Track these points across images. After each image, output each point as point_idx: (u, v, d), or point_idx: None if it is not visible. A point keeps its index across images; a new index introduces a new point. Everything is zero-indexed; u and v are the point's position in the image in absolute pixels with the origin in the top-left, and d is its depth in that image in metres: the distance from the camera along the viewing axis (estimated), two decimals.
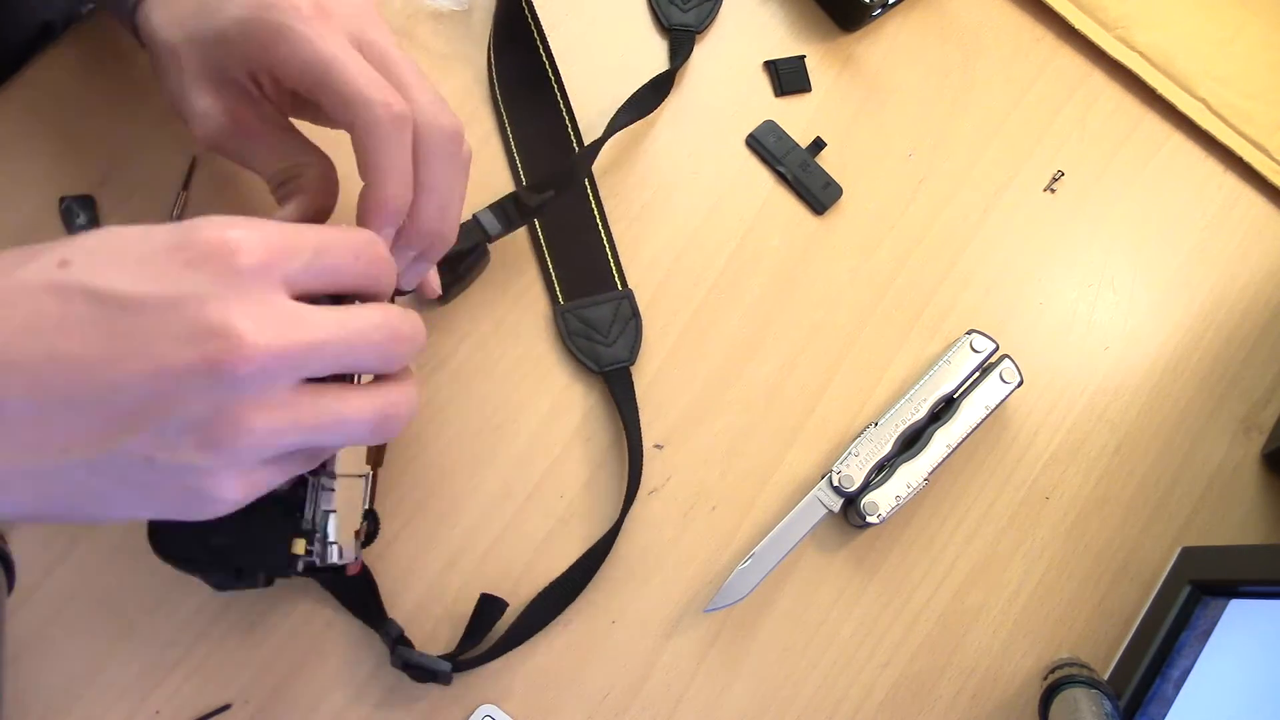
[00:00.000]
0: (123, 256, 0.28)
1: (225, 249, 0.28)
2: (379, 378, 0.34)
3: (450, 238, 0.41)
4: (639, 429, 0.52)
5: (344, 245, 0.31)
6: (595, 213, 0.55)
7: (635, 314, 0.53)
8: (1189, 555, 0.54)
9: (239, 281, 0.28)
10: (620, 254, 0.55)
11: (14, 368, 0.27)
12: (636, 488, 0.51)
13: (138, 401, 0.28)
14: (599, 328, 0.52)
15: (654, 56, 0.58)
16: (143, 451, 0.28)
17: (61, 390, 0.27)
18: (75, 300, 0.27)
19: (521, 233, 0.54)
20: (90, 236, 0.29)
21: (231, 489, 0.30)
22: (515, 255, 0.54)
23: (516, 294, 0.54)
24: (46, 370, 0.27)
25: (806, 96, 0.59)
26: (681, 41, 0.58)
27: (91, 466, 0.28)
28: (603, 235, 0.54)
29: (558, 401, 0.52)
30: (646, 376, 0.53)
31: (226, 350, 0.27)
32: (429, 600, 0.49)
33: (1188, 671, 0.49)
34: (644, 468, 0.52)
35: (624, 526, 0.51)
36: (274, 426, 0.29)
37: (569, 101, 0.56)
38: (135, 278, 0.27)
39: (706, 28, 0.59)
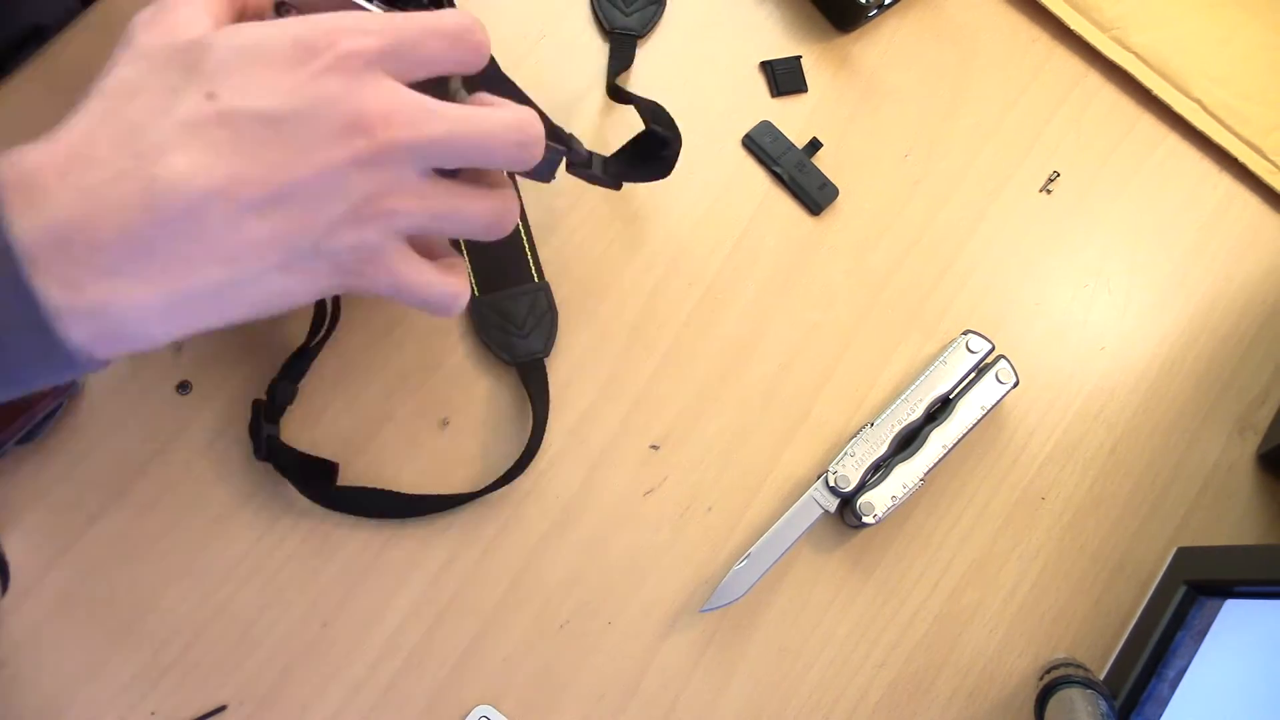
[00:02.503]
0: (259, 78, 0.31)
1: (341, 52, 0.31)
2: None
3: None
4: (545, 423, 0.51)
5: (441, 31, 0.33)
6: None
7: (551, 307, 0.53)
8: (1184, 555, 0.54)
9: (362, 78, 0.32)
10: (538, 246, 0.54)
11: (209, 192, 0.30)
12: (521, 470, 0.50)
13: (311, 198, 0.32)
14: (514, 320, 0.52)
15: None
16: (311, 241, 0.32)
17: (249, 201, 0.31)
18: (240, 124, 0.31)
19: None
20: (213, 60, 0.31)
21: (395, 261, 0.34)
22: None
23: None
24: (234, 187, 0.31)
25: (803, 97, 0.59)
26: (623, 46, 0.57)
27: (278, 266, 0.32)
28: (521, 227, 0.54)
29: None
30: (642, 376, 0.54)
31: (371, 137, 0.32)
32: None
33: (1183, 671, 0.49)
34: (635, 468, 0.52)
35: (622, 526, 0.51)
36: (409, 209, 0.33)
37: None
38: (278, 95, 0.31)
39: (649, 33, 0.58)
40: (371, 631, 0.49)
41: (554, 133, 0.47)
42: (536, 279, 0.53)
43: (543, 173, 0.48)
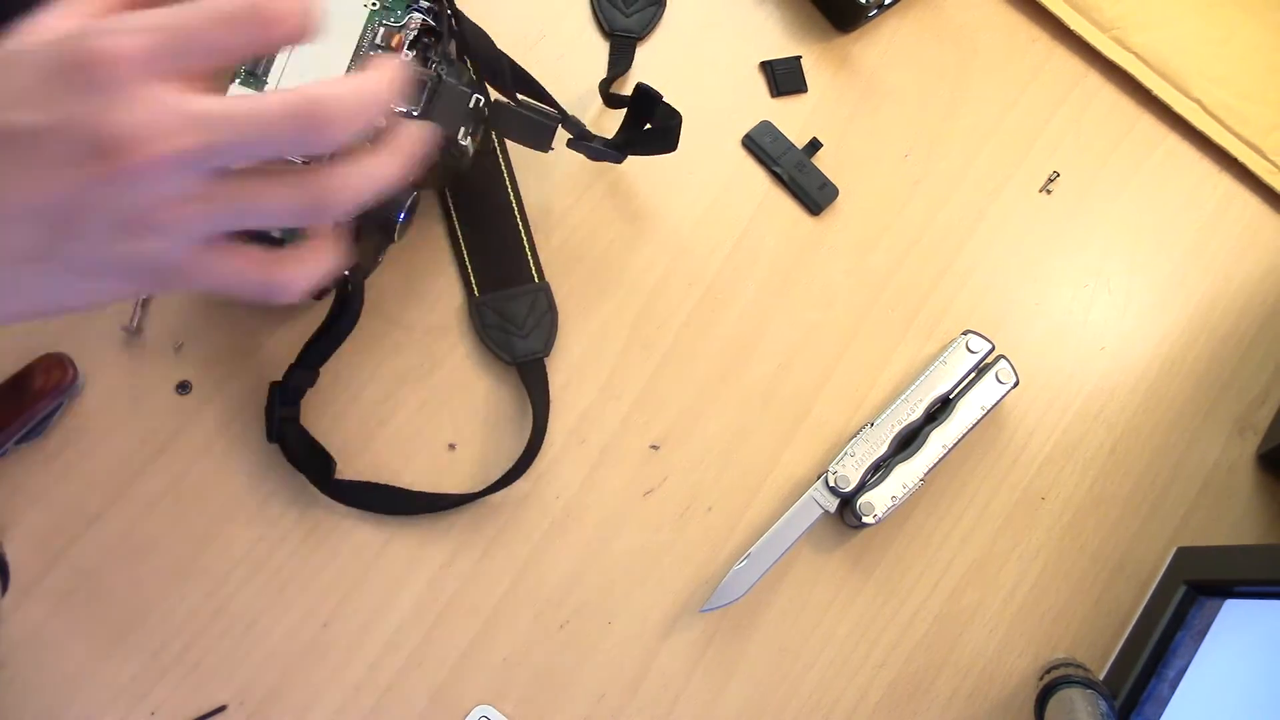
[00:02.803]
0: (8, 87, 0.29)
1: (99, 59, 0.28)
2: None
3: None
4: (546, 422, 0.51)
5: (223, 16, 0.30)
6: (513, 204, 0.54)
7: (551, 307, 0.53)
8: (1184, 555, 0.54)
9: (118, 89, 0.28)
10: (538, 246, 0.54)
11: None
12: (522, 471, 0.50)
13: (57, 217, 0.29)
14: (514, 320, 0.52)
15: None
16: (88, 252, 0.30)
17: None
18: None
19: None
20: None
21: (193, 261, 0.32)
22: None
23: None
24: None
25: (803, 97, 0.59)
26: (622, 48, 0.57)
27: (49, 271, 0.31)
28: (520, 227, 0.54)
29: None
30: (642, 376, 0.54)
31: (114, 161, 0.28)
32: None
33: (1183, 671, 0.49)
34: (635, 468, 0.52)
35: (622, 526, 0.51)
36: (189, 216, 0.31)
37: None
38: (22, 108, 0.28)
39: (649, 34, 0.58)
40: (371, 631, 0.49)
41: (553, 108, 0.48)
42: (537, 279, 0.53)
43: (538, 142, 0.49)
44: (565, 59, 0.57)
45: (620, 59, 0.57)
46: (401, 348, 0.52)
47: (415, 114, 0.43)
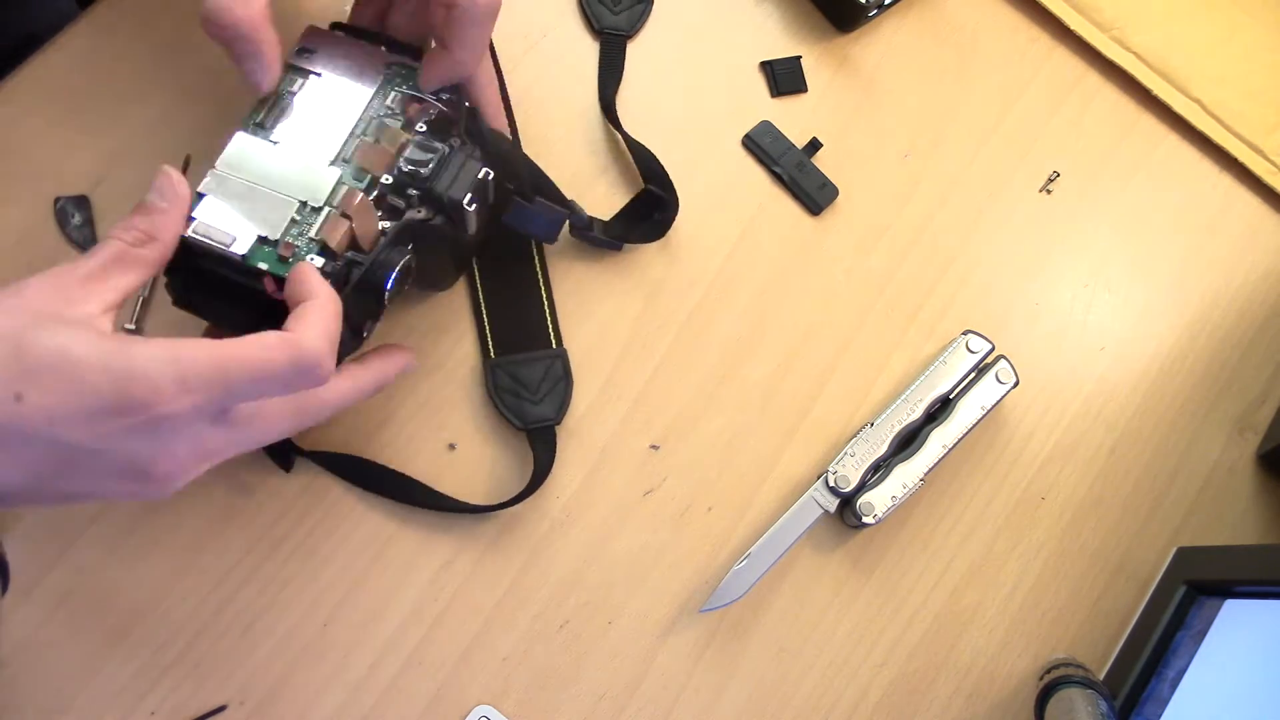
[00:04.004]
0: (72, 406, 0.33)
1: (147, 408, 0.33)
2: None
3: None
4: (542, 482, 0.50)
5: (272, 375, 0.35)
6: (538, 270, 0.54)
7: (567, 374, 0.52)
8: (1184, 555, 0.54)
9: (161, 433, 0.34)
10: (559, 312, 0.53)
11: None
12: (509, 506, 0.50)
13: (83, 492, 0.36)
14: (528, 385, 0.52)
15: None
16: (87, 489, 0.36)
17: (13, 485, 0.34)
18: (35, 443, 0.33)
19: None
20: (39, 362, 0.33)
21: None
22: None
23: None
24: (12, 484, 0.34)
25: (803, 97, 0.59)
26: (612, 46, 0.57)
27: (64, 499, 0.37)
28: (543, 293, 0.53)
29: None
30: (642, 376, 0.53)
31: (146, 482, 0.36)
32: None
33: (1183, 671, 0.49)
34: (635, 468, 0.52)
35: (622, 526, 0.51)
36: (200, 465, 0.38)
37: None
38: (81, 432, 0.33)
39: (637, 32, 0.58)
40: (371, 631, 0.49)
41: (558, 199, 0.51)
42: (555, 345, 0.53)
43: (547, 236, 0.52)
44: (561, 60, 0.57)
45: (611, 58, 0.57)
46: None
47: (424, 173, 0.44)
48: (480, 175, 0.44)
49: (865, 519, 0.51)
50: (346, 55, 0.46)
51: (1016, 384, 0.54)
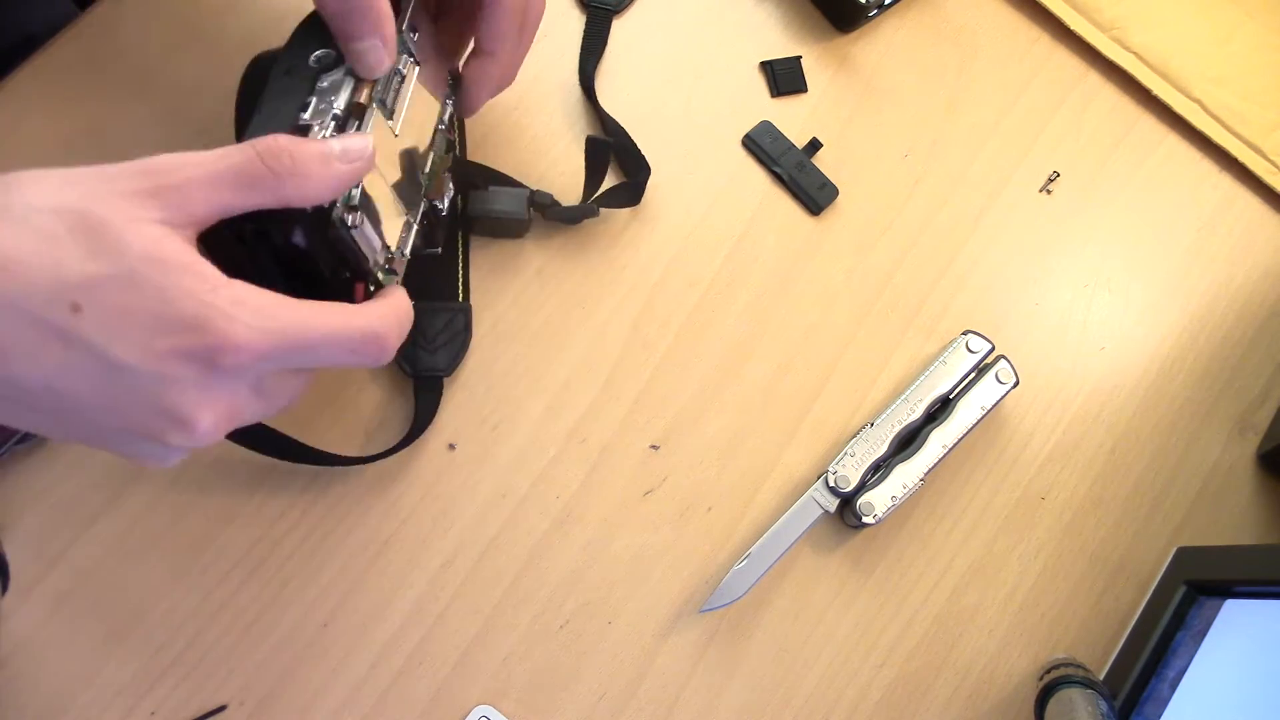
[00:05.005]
0: (133, 323, 0.30)
1: (218, 349, 0.31)
2: None
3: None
4: (417, 436, 0.50)
5: (344, 341, 0.34)
6: (456, 228, 0.54)
7: (467, 328, 0.52)
8: (1184, 555, 0.54)
9: (215, 378, 0.32)
10: (471, 270, 0.53)
11: (9, 383, 0.30)
12: (391, 453, 0.49)
13: (111, 429, 0.33)
14: (426, 334, 0.51)
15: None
16: (121, 436, 0.33)
17: (49, 408, 0.32)
18: (77, 351, 0.30)
19: None
20: (107, 273, 0.30)
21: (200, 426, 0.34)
22: None
23: None
24: (38, 393, 0.31)
25: (803, 97, 0.59)
26: (598, 20, 0.58)
27: (83, 437, 0.34)
28: (458, 248, 0.53)
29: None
30: (642, 376, 0.53)
31: (180, 430, 0.32)
32: None
33: (1183, 671, 0.49)
34: (635, 468, 0.52)
35: (622, 526, 0.51)
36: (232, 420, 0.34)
37: None
38: (135, 350, 0.30)
39: (625, 8, 0.58)
40: (371, 631, 0.49)
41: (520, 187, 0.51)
42: (461, 299, 0.53)
43: (517, 230, 0.53)
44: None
45: (595, 33, 0.57)
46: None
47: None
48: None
49: (865, 519, 0.51)
50: (434, 49, 0.44)
51: (1016, 384, 0.54)
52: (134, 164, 0.32)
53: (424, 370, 0.51)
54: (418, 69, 0.41)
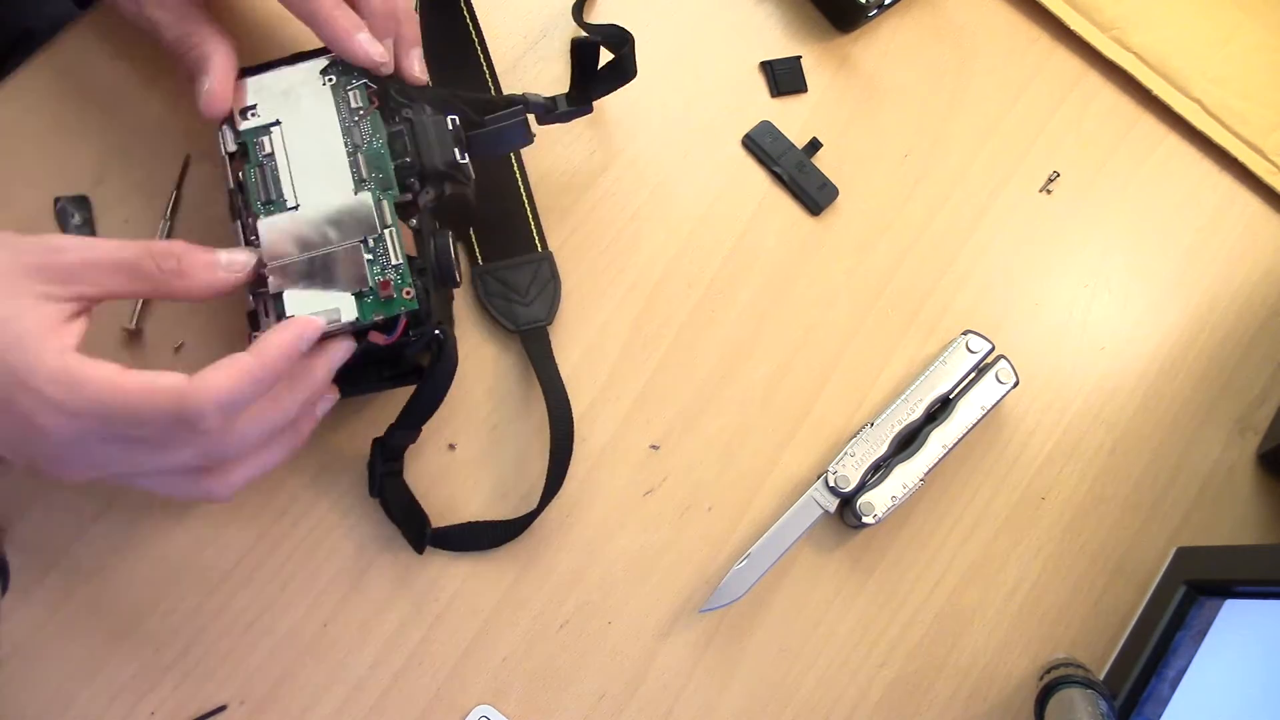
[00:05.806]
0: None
1: (34, 415, 0.35)
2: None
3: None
4: (561, 387, 0.51)
5: (147, 420, 0.36)
6: (518, 177, 0.54)
7: (554, 276, 0.53)
8: (1184, 555, 0.54)
9: (46, 438, 0.36)
10: (542, 218, 0.54)
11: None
12: (566, 456, 0.50)
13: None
14: (517, 289, 0.52)
15: None
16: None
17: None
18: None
19: None
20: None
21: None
22: None
23: None
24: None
25: (803, 97, 0.59)
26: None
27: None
28: (524, 199, 0.54)
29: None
30: (642, 376, 0.53)
31: (57, 475, 0.38)
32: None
33: (1183, 671, 0.49)
34: (635, 468, 0.52)
35: (622, 526, 0.51)
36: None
37: (493, 66, 0.56)
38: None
39: None
40: (372, 631, 0.49)
41: (507, 103, 0.49)
42: (540, 249, 0.54)
43: (521, 143, 0.50)
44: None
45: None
46: None
47: (409, 159, 0.44)
48: (450, 127, 0.45)
49: (865, 519, 0.51)
50: (284, 90, 0.45)
51: (1016, 384, 0.54)
52: (44, 240, 0.37)
53: (525, 324, 0.52)
54: (277, 127, 0.44)
